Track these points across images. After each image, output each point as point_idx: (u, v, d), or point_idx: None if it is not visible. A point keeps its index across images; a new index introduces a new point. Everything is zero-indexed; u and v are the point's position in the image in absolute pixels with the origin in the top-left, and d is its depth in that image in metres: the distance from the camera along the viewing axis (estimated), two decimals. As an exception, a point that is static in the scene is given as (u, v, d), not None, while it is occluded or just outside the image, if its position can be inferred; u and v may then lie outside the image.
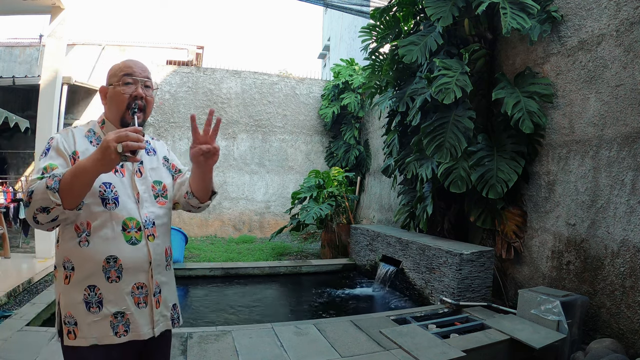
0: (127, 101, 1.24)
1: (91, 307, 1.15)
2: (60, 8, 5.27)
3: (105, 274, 1.16)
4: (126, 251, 1.18)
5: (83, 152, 1.20)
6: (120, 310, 1.17)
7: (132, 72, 1.25)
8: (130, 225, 1.20)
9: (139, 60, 1.33)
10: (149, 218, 1.25)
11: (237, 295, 4.40)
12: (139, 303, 1.20)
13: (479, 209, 3.99)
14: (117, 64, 1.29)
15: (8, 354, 2.39)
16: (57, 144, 1.19)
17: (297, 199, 6.66)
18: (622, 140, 2.96)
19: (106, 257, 1.16)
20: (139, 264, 1.20)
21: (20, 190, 7.38)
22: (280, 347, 2.59)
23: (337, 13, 13.00)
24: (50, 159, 1.16)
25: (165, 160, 1.43)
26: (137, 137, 1.00)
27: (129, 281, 1.18)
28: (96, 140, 1.26)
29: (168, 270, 1.31)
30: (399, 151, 4.86)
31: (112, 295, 1.17)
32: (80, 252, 1.16)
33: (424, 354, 2.46)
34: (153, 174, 1.33)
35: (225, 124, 8.57)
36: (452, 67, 3.75)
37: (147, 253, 1.21)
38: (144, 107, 1.26)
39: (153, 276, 1.23)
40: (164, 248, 1.28)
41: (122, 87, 1.24)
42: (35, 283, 4.34)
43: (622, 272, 2.88)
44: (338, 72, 8.51)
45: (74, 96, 7.82)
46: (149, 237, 1.23)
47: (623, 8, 2.98)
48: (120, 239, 1.18)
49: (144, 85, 1.27)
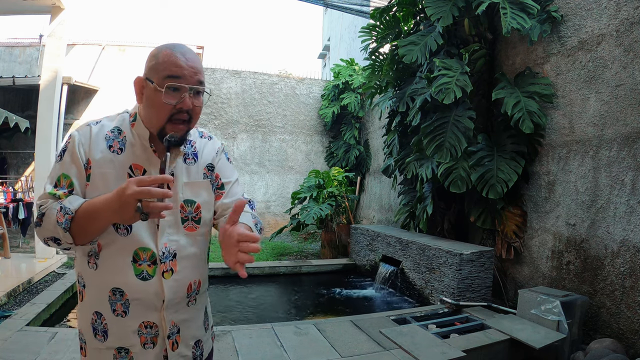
0: (169, 112, 0.97)
1: (97, 334, 1.01)
2: (60, 8, 5.27)
3: (111, 305, 0.99)
4: (134, 285, 0.98)
5: (97, 161, 0.98)
6: (124, 346, 1.01)
7: (181, 74, 0.95)
8: (143, 256, 0.99)
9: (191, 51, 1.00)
10: (168, 249, 1.01)
11: (237, 295, 4.40)
12: (145, 343, 1.01)
13: (479, 209, 3.99)
14: (162, 53, 0.98)
15: (8, 354, 2.39)
16: (74, 147, 0.99)
17: (297, 199, 6.66)
18: (622, 140, 2.96)
19: (112, 288, 0.99)
20: (148, 302, 1.00)
21: (20, 190, 7.38)
22: (280, 347, 2.59)
23: (337, 13, 13.00)
24: (65, 166, 0.99)
25: (210, 169, 1.12)
26: (163, 193, 0.82)
27: (137, 318, 1.00)
28: (119, 144, 1.01)
29: (191, 306, 1.07)
30: (399, 151, 4.86)
31: (117, 330, 1.00)
32: (89, 273, 1.01)
33: (424, 354, 2.46)
34: (187, 191, 1.05)
35: (225, 124, 8.57)
36: (452, 67, 3.75)
37: (160, 291, 1.00)
38: (189, 119, 1.00)
39: (165, 317, 1.01)
40: (186, 283, 1.04)
41: (164, 94, 0.95)
42: (35, 283, 4.34)
43: (622, 272, 2.88)
44: (338, 72, 8.51)
45: (74, 96, 7.82)
46: (165, 272, 1.00)
47: (623, 8, 2.98)
48: (129, 271, 0.98)
49: (195, 92, 0.98)
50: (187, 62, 0.97)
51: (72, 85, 6.83)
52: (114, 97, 7.95)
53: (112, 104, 7.96)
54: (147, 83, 0.98)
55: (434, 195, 4.39)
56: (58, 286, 3.88)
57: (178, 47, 1.00)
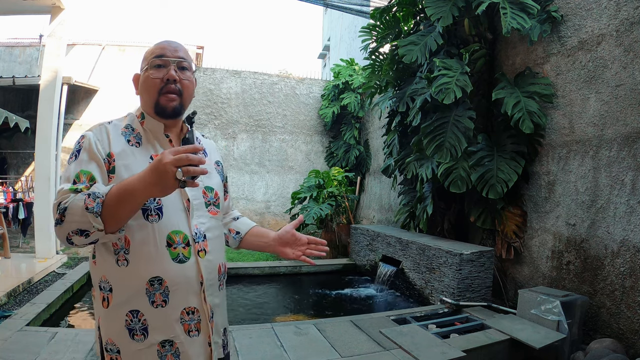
0: (158, 86, 1.06)
1: (135, 335, 0.99)
2: (60, 8, 5.27)
3: (149, 297, 0.98)
4: (173, 271, 0.99)
5: (119, 154, 1.02)
6: (168, 338, 1.00)
7: (163, 52, 1.07)
8: (177, 239, 1.01)
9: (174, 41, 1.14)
10: (199, 230, 1.05)
11: (237, 295, 4.40)
12: (189, 331, 1.02)
13: (479, 209, 3.99)
14: (150, 48, 1.11)
15: (8, 354, 2.39)
16: (90, 145, 1.00)
17: (297, 199, 6.66)
18: (622, 140, 2.96)
19: (149, 279, 0.98)
20: (188, 285, 1.01)
21: (20, 190, 7.38)
22: (280, 347, 2.59)
23: (337, 13, 13.00)
24: (82, 164, 0.99)
25: (218, 165, 1.23)
26: (199, 159, 0.84)
27: (178, 306, 1.00)
28: (135, 138, 1.07)
29: (221, 290, 1.12)
30: (399, 151, 4.86)
31: (159, 322, 0.99)
32: (118, 272, 0.99)
33: (424, 354, 2.46)
34: (205, 178, 1.11)
35: (225, 123, 8.57)
36: (452, 67, 3.75)
37: (197, 272, 1.02)
38: (180, 91, 1.07)
39: (206, 298, 1.04)
40: (217, 265, 1.08)
41: (151, 71, 1.06)
42: (35, 283, 4.34)
43: (622, 272, 2.88)
44: (338, 72, 8.51)
45: (74, 96, 7.82)
46: (200, 252, 1.03)
47: (623, 8, 2.98)
48: (166, 257, 0.99)
49: (178, 67, 1.08)
50: (169, 44, 1.10)
51: (72, 85, 6.83)
52: (114, 97, 7.95)
53: (112, 104, 7.96)
54: (140, 74, 1.10)
55: (434, 195, 4.39)
56: (58, 286, 3.88)
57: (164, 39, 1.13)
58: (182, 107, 1.10)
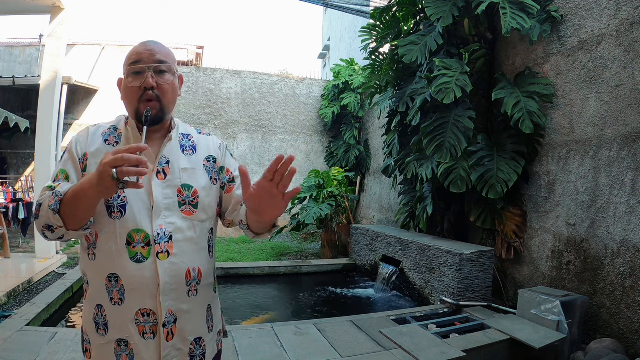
0: (137, 94, 1.04)
1: (99, 329, 1.02)
2: (60, 8, 5.27)
3: (108, 294, 1.00)
4: (129, 269, 0.99)
5: (93, 153, 1.05)
6: (123, 338, 1.00)
7: (139, 58, 1.05)
8: (137, 238, 1.00)
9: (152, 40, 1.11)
10: (164, 231, 1.02)
11: (237, 295, 4.39)
12: (144, 333, 1.00)
13: (479, 209, 3.99)
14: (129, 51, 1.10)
15: (8, 354, 2.39)
16: (72, 146, 1.07)
17: (297, 199, 6.65)
18: (622, 140, 2.96)
19: (108, 275, 1.00)
20: (143, 286, 0.99)
21: (20, 190, 7.38)
22: (280, 347, 2.59)
23: (337, 13, 13.00)
24: (64, 163, 1.06)
25: (209, 160, 1.16)
26: (136, 159, 0.82)
27: (133, 306, 1.00)
28: (115, 138, 1.09)
29: (193, 297, 1.06)
30: (399, 151, 4.86)
31: (116, 320, 1.00)
32: (89, 266, 1.04)
33: (424, 354, 2.46)
34: (185, 176, 1.09)
35: (225, 123, 8.57)
36: (452, 67, 3.75)
37: (154, 274, 0.99)
38: (159, 97, 1.05)
39: (162, 303, 1.00)
40: (184, 269, 1.03)
41: (129, 79, 1.05)
42: (35, 283, 4.34)
43: (622, 272, 2.88)
44: (338, 72, 8.51)
45: (74, 96, 7.83)
46: (160, 254, 1.00)
47: (623, 8, 2.98)
48: (124, 255, 0.99)
49: (156, 71, 1.05)
50: (145, 47, 1.06)
51: (72, 85, 6.84)
52: (114, 97, 7.94)
53: (112, 104, 7.97)
54: (122, 79, 1.09)
55: (434, 195, 4.39)
56: (58, 286, 3.87)
57: (143, 41, 1.10)
58: (163, 113, 1.07)
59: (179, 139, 1.14)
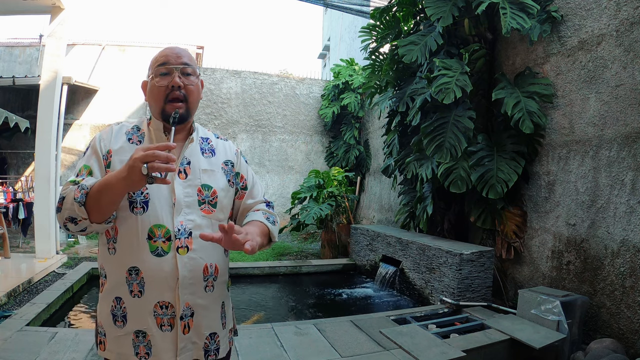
0: (164, 94, 1.10)
1: (117, 321, 1.05)
2: (60, 8, 5.27)
3: (128, 286, 1.04)
4: (150, 263, 1.03)
5: (117, 150, 1.09)
6: (141, 329, 1.04)
7: (167, 60, 1.11)
8: (158, 233, 1.04)
9: (176, 46, 1.18)
10: (184, 227, 1.06)
11: (237, 295, 4.40)
12: (162, 325, 1.04)
13: (479, 209, 3.99)
14: (154, 56, 1.16)
15: (8, 354, 2.39)
16: (95, 142, 1.11)
17: (297, 199, 6.66)
18: (622, 140, 2.96)
19: (129, 268, 1.04)
20: (162, 279, 1.03)
21: (20, 190, 7.38)
22: (280, 347, 2.59)
23: (337, 13, 13.00)
24: (87, 159, 1.10)
25: (227, 164, 1.21)
26: (166, 156, 0.87)
27: (152, 298, 1.04)
28: (138, 137, 1.14)
29: (209, 292, 1.10)
30: (399, 151, 4.87)
31: (135, 312, 1.04)
32: (109, 259, 1.08)
33: (424, 354, 2.46)
34: (204, 177, 1.13)
35: (225, 123, 8.57)
36: (452, 67, 3.75)
37: (174, 268, 1.04)
38: (185, 97, 1.11)
39: (180, 296, 1.04)
40: (202, 264, 1.08)
41: (157, 79, 1.11)
42: (35, 283, 4.34)
43: (622, 272, 2.88)
44: (338, 72, 8.51)
45: (74, 96, 7.82)
46: (180, 249, 1.04)
47: (623, 8, 2.98)
48: (145, 249, 1.03)
49: (182, 73, 1.12)
50: (172, 51, 1.14)
51: (72, 85, 6.83)
52: (114, 97, 7.95)
53: (112, 104, 7.96)
54: (148, 81, 1.15)
55: (434, 195, 4.39)
56: (58, 286, 3.87)
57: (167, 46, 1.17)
58: (188, 113, 1.13)
59: (199, 142, 1.19)
